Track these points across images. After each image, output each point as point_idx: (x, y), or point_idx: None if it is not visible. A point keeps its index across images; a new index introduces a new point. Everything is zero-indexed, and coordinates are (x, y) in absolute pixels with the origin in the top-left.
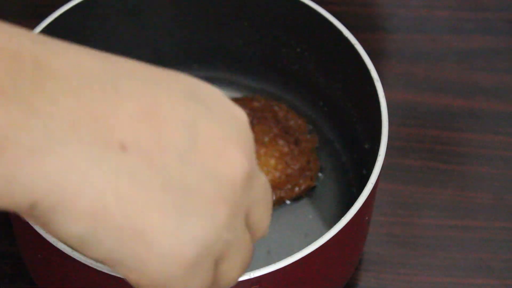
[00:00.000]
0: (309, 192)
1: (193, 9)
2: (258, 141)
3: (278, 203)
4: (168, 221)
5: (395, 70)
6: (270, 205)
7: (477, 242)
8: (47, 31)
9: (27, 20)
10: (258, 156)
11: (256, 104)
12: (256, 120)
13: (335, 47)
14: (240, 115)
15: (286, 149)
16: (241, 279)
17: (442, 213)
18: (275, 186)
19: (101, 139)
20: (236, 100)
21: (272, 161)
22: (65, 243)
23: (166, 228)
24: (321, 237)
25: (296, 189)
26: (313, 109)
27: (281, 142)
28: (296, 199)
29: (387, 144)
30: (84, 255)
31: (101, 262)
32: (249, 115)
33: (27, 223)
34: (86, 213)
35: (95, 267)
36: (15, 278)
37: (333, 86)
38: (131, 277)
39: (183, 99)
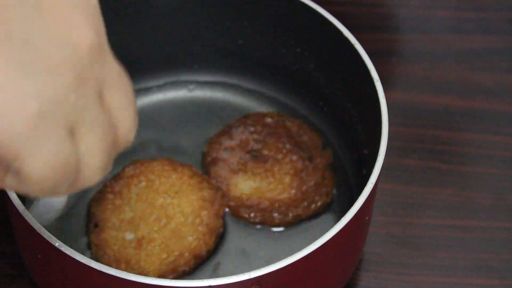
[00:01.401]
0: (325, 209)
1: (193, 9)
2: (272, 158)
3: (295, 221)
4: (9, 74)
5: (395, 70)
6: (129, 97)
7: (477, 242)
8: None
9: None
10: (273, 173)
11: (268, 120)
12: (269, 137)
13: (335, 47)
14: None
15: (300, 165)
16: (241, 279)
17: (442, 213)
18: (291, 204)
19: None
20: (247, 117)
21: (287, 179)
22: None
23: (6, 81)
24: (321, 237)
25: (313, 206)
26: (313, 109)
27: (295, 158)
28: (313, 216)
29: (387, 144)
30: None
31: None
32: (261, 131)
33: (27, 223)
34: None
35: (95, 267)
36: (15, 278)
37: (333, 86)
38: None
39: None
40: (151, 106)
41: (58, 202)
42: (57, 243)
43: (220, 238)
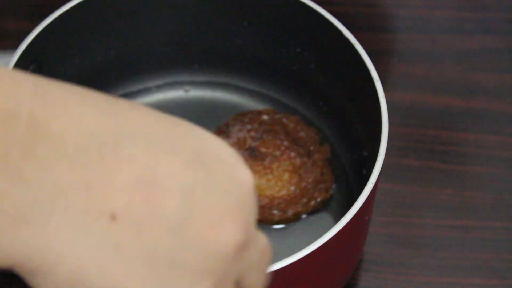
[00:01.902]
0: (325, 205)
1: (193, 9)
2: (270, 155)
3: (295, 218)
4: None
5: (395, 70)
6: (266, 266)
7: (477, 242)
8: (47, 31)
9: (27, 20)
10: (271, 170)
11: (264, 117)
12: (266, 134)
13: (335, 47)
14: (245, 179)
15: (298, 162)
16: None
17: (442, 213)
18: (291, 201)
19: (91, 209)
20: (243, 115)
21: (286, 176)
22: None
23: None
24: (321, 237)
25: (312, 202)
26: (313, 109)
27: (293, 154)
28: (312, 212)
29: (387, 144)
30: None
31: None
32: (258, 129)
33: None
34: (65, 281)
35: None
36: (15, 278)
37: (333, 86)
38: None
39: (185, 164)
40: (151, 106)
41: None
42: None
43: None
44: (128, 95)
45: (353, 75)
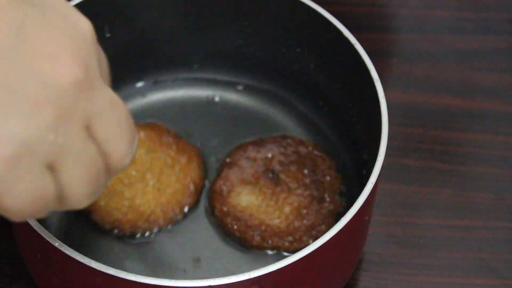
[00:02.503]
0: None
1: (193, 9)
2: (284, 184)
3: (271, 249)
4: None
5: (395, 70)
6: (123, 124)
7: (477, 242)
8: None
9: None
10: (277, 199)
11: (302, 149)
12: (293, 165)
13: (335, 47)
14: (82, 26)
15: (306, 203)
16: (240, 279)
17: (442, 213)
18: (277, 233)
19: None
20: (284, 138)
21: (287, 209)
22: None
23: None
24: (321, 237)
25: (295, 244)
26: (313, 109)
27: (306, 193)
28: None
29: (387, 144)
30: None
31: None
32: (289, 156)
33: (27, 223)
34: None
35: (95, 267)
36: (15, 278)
37: (333, 86)
38: None
39: (15, 1)
40: (148, 105)
41: None
42: (57, 243)
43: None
44: (127, 95)
45: (353, 75)
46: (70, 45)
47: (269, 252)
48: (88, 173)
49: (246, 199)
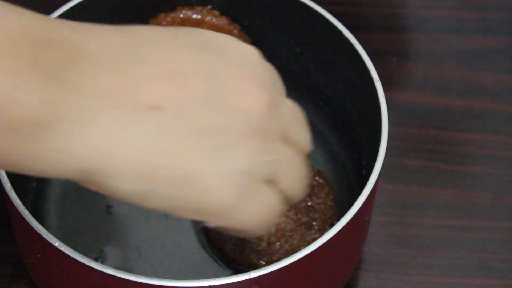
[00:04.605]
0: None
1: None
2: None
3: (248, 267)
4: (209, 161)
5: (395, 70)
6: (303, 122)
7: (477, 242)
8: None
9: None
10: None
11: (316, 178)
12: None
13: (335, 47)
14: (251, 53)
15: (294, 226)
16: (240, 279)
17: (442, 213)
18: (253, 249)
19: (129, 103)
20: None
21: (272, 229)
22: (125, 201)
23: (209, 167)
24: (321, 237)
25: (255, 260)
26: (313, 109)
27: (296, 217)
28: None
29: (387, 144)
30: (145, 207)
31: (161, 210)
32: None
33: (27, 223)
34: (136, 172)
35: (95, 267)
36: (15, 278)
37: (333, 86)
38: (192, 217)
39: (196, 52)
40: None
41: None
42: (57, 243)
43: None
44: None
45: (353, 75)
46: (251, 75)
47: (245, 268)
48: (300, 171)
49: None
